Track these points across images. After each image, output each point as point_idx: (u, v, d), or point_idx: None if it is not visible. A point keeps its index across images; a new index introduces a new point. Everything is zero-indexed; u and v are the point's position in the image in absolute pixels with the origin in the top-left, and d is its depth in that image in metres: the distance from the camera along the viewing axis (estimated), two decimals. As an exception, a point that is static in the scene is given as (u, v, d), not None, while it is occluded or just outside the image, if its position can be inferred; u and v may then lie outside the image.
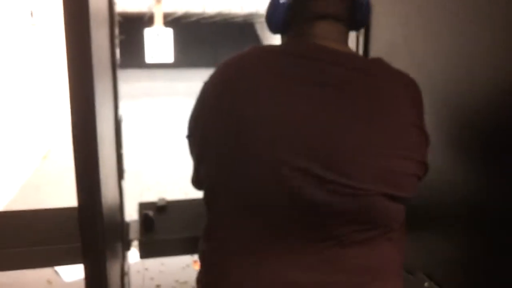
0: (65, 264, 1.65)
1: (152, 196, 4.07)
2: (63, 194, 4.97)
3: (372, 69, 0.97)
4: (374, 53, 1.67)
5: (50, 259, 1.59)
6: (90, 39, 0.81)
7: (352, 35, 1.74)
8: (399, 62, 1.54)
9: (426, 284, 1.40)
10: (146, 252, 1.75)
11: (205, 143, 1.00)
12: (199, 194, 1.12)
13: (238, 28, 25.18)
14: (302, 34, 1.02)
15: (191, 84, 16.32)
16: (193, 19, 20.95)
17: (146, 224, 1.80)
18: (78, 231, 1.71)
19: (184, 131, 1.09)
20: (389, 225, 0.96)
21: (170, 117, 10.28)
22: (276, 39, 1.05)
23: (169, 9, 14.71)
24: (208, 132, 0.99)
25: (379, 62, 1.01)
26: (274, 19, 1.05)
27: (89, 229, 0.99)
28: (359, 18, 1.05)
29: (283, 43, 1.08)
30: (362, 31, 1.75)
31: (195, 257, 3.73)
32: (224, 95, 0.96)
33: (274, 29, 1.08)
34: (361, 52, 1.74)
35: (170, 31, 10.81)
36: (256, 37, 26.73)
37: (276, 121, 0.89)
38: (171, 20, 18.41)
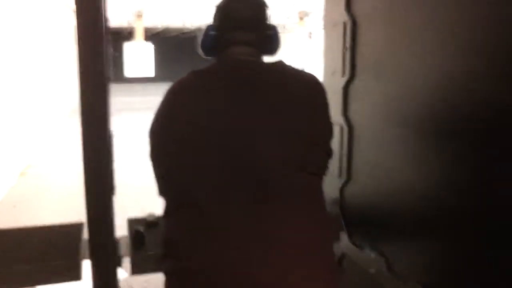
0: (64, 281, 1.63)
1: (130, 212, 4.02)
2: (42, 212, 4.89)
3: (279, 71, 1.28)
4: (361, 68, 1.72)
5: (49, 277, 1.57)
6: (103, 54, 0.83)
7: (338, 52, 1.78)
8: (386, 76, 1.59)
9: (418, 293, 1.43)
10: (138, 269, 1.74)
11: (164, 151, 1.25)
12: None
13: (217, 42, 25.18)
14: (224, 55, 1.36)
15: (171, 98, 16.31)
16: (173, 34, 20.98)
17: (137, 240, 1.79)
18: (73, 247, 1.71)
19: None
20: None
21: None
22: None
23: (149, 24, 14.70)
24: (164, 142, 1.25)
25: (281, 65, 1.30)
26: (206, 46, 1.42)
27: (100, 244, 0.99)
28: (268, 45, 1.40)
29: (211, 63, 1.37)
30: (348, 48, 1.80)
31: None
32: (171, 110, 1.25)
33: (205, 53, 1.44)
34: (348, 67, 1.79)
35: (151, 46, 10.80)
36: (235, 52, 26.79)
37: (208, 123, 1.17)
38: (151, 35, 18.38)
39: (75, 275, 1.62)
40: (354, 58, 1.77)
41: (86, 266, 1.71)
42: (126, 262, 1.86)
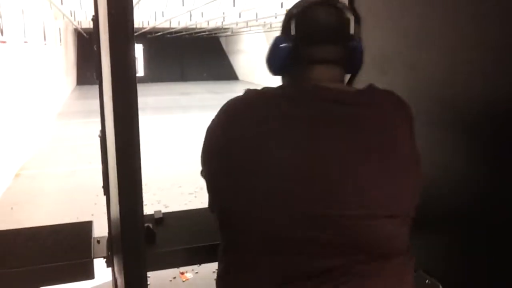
0: (77, 280, 1.64)
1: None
2: (40, 213, 4.87)
3: (369, 100, 1.06)
4: (367, 63, 1.75)
5: (62, 276, 1.58)
6: (133, 57, 0.85)
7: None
8: (392, 70, 1.63)
9: (427, 281, 1.47)
10: (150, 265, 1.76)
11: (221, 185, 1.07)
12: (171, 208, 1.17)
13: (204, 42, 25.23)
14: (300, 77, 1.11)
15: (159, 98, 16.30)
16: (159, 33, 20.89)
17: (148, 237, 1.81)
18: (85, 246, 1.72)
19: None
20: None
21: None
22: (240, 53, 1.13)
23: (136, 25, 14.62)
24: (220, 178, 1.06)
25: (372, 91, 1.09)
26: (274, 62, 1.14)
27: (132, 239, 1.01)
28: (353, 62, 1.15)
29: (283, 86, 1.16)
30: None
31: (181, 269, 3.69)
32: (233, 143, 1.03)
33: (274, 71, 1.16)
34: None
35: (139, 47, 10.78)
36: (221, 51, 26.85)
37: (284, 166, 0.97)
38: (137, 35, 18.30)
39: (88, 274, 1.63)
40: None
41: (98, 264, 1.73)
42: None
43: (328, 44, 1.09)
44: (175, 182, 5.98)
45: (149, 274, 3.54)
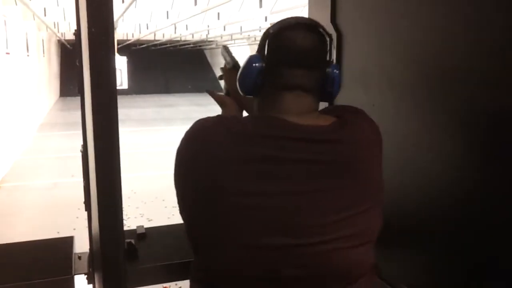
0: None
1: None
2: (20, 227, 4.78)
3: (334, 135, 1.02)
4: (349, 79, 1.77)
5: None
6: (114, 67, 0.84)
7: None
8: (375, 86, 1.65)
9: (410, 296, 1.47)
10: (132, 282, 1.73)
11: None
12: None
13: (189, 54, 25.28)
14: (270, 105, 1.05)
15: (143, 110, 16.23)
16: (144, 46, 20.87)
17: (130, 253, 1.78)
18: (66, 262, 1.69)
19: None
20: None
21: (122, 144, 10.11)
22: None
23: (120, 37, 14.61)
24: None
25: (340, 123, 1.05)
26: (246, 82, 1.07)
27: (111, 256, 1.00)
28: (328, 90, 1.07)
29: (248, 118, 1.12)
30: (334, 60, 1.84)
31: (165, 284, 3.66)
32: (199, 169, 1.00)
33: (245, 91, 1.10)
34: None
35: (123, 59, 10.75)
36: (206, 63, 26.92)
37: (247, 205, 0.95)
38: (122, 47, 18.27)
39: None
40: (341, 69, 1.82)
41: (78, 281, 1.70)
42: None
43: (302, 69, 1.02)
44: (158, 195, 5.95)
45: (130, 290, 3.44)
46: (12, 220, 5.08)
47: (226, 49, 1.52)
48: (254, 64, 1.04)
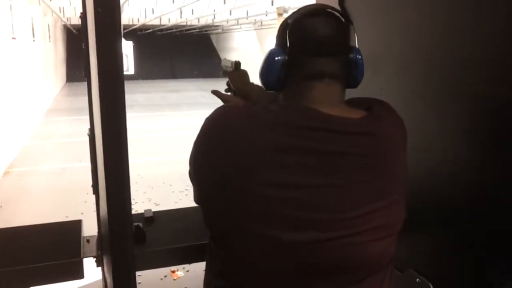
0: (67, 280, 1.63)
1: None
2: (29, 211, 4.83)
3: (367, 128, 1.01)
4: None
5: (51, 276, 1.56)
6: (121, 53, 0.84)
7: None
8: (383, 70, 1.63)
9: (417, 280, 1.47)
10: (140, 265, 1.75)
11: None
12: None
13: (195, 39, 25.18)
14: (298, 96, 1.02)
15: (150, 95, 16.24)
16: (150, 30, 20.80)
17: (138, 236, 1.80)
18: (74, 245, 1.71)
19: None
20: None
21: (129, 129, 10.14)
22: (231, 51, 1.09)
23: (126, 21, 14.56)
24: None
25: (372, 116, 1.04)
26: (269, 77, 1.04)
27: (120, 236, 1.01)
28: (354, 74, 1.06)
29: (278, 107, 1.03)
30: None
31: (172, 267, 3.67)
32: (219, 160, 0.97)
33: (268, 87, 1.07)
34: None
35: (129, 44, 10.73)
36: (212, 48, 26.80)
37: (275, 196, 0.93)
38: (127, 32, 18.21)
39: (78, 274, 1.62)
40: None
41: (87, 263, 1.71)
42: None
43: (327, 57, 1.00)
44: (165, 180, 5.97)
45: (139, 273, 3.56)
46: (21, 204, 5.13)
47: (224, 59, 1.62)
48: (276, 58, 1.02)
